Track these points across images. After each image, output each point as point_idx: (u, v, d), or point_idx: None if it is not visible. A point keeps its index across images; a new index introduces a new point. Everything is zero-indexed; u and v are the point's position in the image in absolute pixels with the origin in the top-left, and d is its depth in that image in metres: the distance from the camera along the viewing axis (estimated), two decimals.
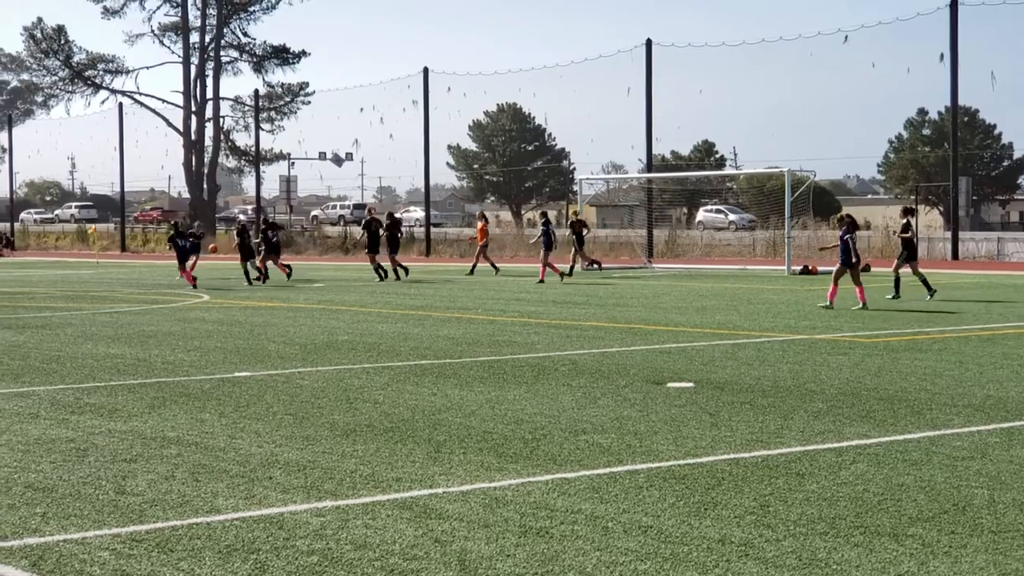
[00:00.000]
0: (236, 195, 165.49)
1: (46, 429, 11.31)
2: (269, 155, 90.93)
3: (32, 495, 8.61)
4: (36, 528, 7.71)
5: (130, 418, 11.89)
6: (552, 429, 11.08)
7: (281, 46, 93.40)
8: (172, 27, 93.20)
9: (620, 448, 10.18)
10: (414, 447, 10.27)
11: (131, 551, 7.17)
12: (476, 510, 8.06)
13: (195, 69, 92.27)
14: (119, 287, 36.18)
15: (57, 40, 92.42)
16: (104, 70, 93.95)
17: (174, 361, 16.61)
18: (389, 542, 7.31)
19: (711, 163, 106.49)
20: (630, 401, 12.67)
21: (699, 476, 9.05)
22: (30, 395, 13.55)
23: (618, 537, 7.39)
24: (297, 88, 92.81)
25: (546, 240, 37.59)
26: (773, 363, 15.77)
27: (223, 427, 11.32)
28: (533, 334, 20.08)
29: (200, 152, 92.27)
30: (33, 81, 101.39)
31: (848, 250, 24.86)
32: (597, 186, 79.37)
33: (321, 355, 17.22)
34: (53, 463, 9.73)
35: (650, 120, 54.98)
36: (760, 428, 11.04)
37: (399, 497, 8.47)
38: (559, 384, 14.01)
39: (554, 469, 9.37)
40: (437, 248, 64.28)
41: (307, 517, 7.92)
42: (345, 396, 13.20)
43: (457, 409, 12.26)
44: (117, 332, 21.01)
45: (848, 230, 25.07)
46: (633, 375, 14.71)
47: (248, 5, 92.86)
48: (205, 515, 8.01)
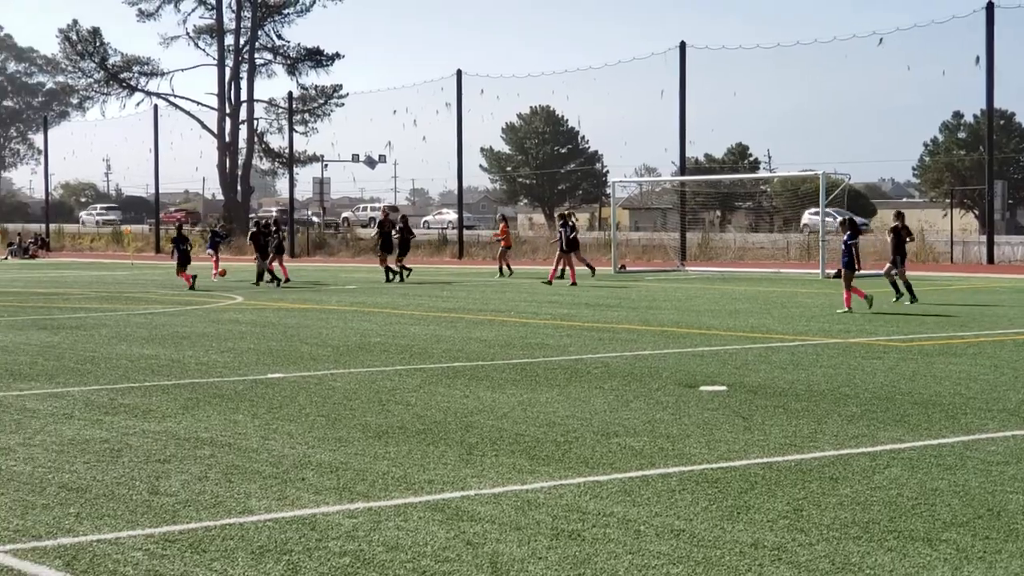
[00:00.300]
0: (269, 197, 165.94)
1: (80, 429, 11.36)
2: (302, 157, 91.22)
3: (66, 495, 8.65)
4: (70, 528, 7.74)
5: (164, 419, 11.94)
6: (584, 432, 11.07)
7: (315, 48, 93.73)
8: (207, 30, 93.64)
9: (652, 451, 10.15)
10: (446, 449, 10.27)
11: (164, 551, 7.20)
12: (508, 512, 8.05)
13: (229, 71, 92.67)
14: (153, 288, 36.34)
15: (92, 42, 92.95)
16: (139, 72, 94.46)
17: (208, 362, 16.67)
18: (421, 544, 7.31)
19: (745, 166, 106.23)
20: (663, 404, 12.64)
21: (732, 480, 9.02)
22: (64, 395, 13.62)
23: (650, 540, 7.37)
24: (331, 90, 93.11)
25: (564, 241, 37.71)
26: (807, 367, 15.71)
27: (256, 428, 11.35)
28: (565, 336, 20.07)
29: (234, 154, 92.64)
30: (68, 83, 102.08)
31: (850, 254, 24.92)
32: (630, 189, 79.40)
33: (354, 357, 17.25)
34: (87, 463, 9.78)
35: (683, 122, 54.86)
36: (794, 432, 11.00)
37: (431, 499, 8.47)
38: (591, 387, 13.99)
39: (586, 472, 9.35)
40: (470, 251, 64.33)
41: (339, 518, 7.93)
42: (377, 398, 13.22)
43: (489, 411, 12.26)
44: (151, 333, 21.10)
45: (851, 235, 25.15)
46: (666, 378, 14.68)
47: (282, 8, 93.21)
48: (238, 516, 8.03)
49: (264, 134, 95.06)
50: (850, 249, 24.97)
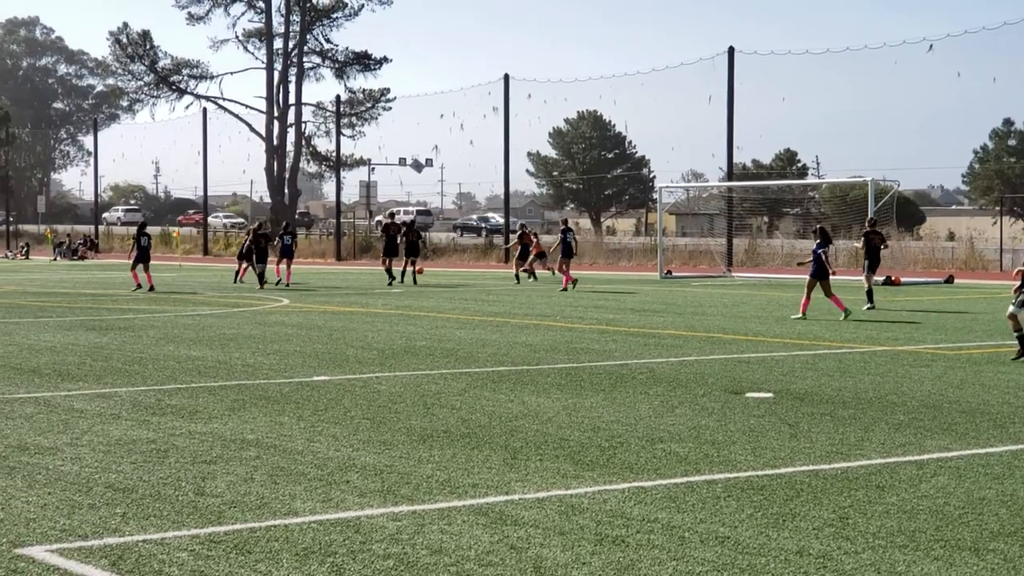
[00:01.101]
0: (316, 200, 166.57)
1: (127, 430, 11.43)
2: (350, 160, 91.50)
3: (112, 495, 8.70)
4: (116, 528, 7.79)
5: (210, 420, 12.00)
6: (629, 437, 11.04)
7: (363, 52, 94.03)
8: (256, 33, 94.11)
9: (697, 457, 10.12)
10: (490, 453, 10.27)
11: (209, 552, 7.23)
12: (552, 517, 8.04)
13: (278, 75, 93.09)
14: (201, 290, 36.54)
15: (142, 45, 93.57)
16: (189, 75, 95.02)
17: (254, 364, 16.73)
18: (464, 548, 7.31)
19: (793, 172, 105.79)
20: (708, 410, 12.60)
21: (777, 487, 8.98)
22: (112, 396, 13.71)
23: (695, 547, 7.34)
24: (378, 94, 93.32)
25: (565, 247, 38.29)
26: (854, 374, 15.62)
27: (301, 430, 11.39)
28: (611, 342, 20.03)
29: (282, 157, 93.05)
30: (118, 86, 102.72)
31: (820, 262, 25.11)
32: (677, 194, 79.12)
33: (399, 360, 17.28)
34: (134, 464, 9.84)
35: (731, 128, 54.69)
36: (840, 440, 10.93)
37: (475, 503, 8.47)
38: (636, 392, 13.96)
39: (631, 477, 9.33)
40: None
41: (383, 521, 7.94)
42: (422, 401, 13.23)
43: (534, 416, 12.25)
44: (198, 335, 21.21)
45: (821, 244, 25.38)
46: (711, 384, 14.63)
47: (331, 11, 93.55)
48: (283, 517, 8.06)
49: (312, 137, 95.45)
50: (819, 257, 25.20)
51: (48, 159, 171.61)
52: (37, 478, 9.26)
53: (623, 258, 59.85)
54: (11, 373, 15.68)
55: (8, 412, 12.47)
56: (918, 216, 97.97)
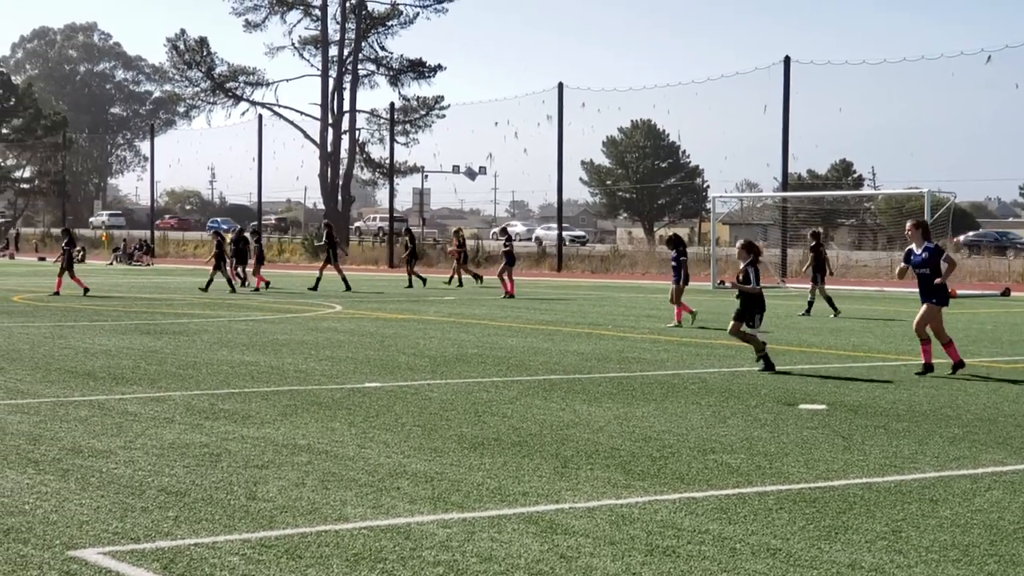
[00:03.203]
0: (370, 207, 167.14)
1: (180, 434, 11.49)
2: (403, 168, 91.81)
3: (165, 499, 8.75)
4: (168, 531, 7.83)
5: (262, 425, 12.05)
6: (680, 447, 11.00)
7: (417, 60, 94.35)
8: (312, 41, 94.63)
9: (750, 469, 10.07)
10: (541, 462, 10.26)
11: (260, 556, 7.25)
12: (602, 527, 8.02)
13: (333, 82, 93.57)
14: (254, 295, 36.72)
15: (200, 52, 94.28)
16: (245, 82, 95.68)
17: (306, 370, 16.79)
18: (515, 556, 7.30)
19: (848, 183, 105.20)
20: (761, 422, 12.53)
21: (830, 500, 8.92)
22: (166, 400, 13.79)
23: (746, 559, 7.30)
24: (432, 101, 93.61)
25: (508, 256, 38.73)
26: (909, 387, 15.50)
27: (352, 436, 11.41)
28: (663, 351, 19.97)
29: (336, 164, 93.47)
30: (175, 92, 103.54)
31: (678, 273, 25.95)
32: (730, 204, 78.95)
33: (450, 368, 17.29)
34: (186, 467, 9.89)
35: (786, 138, 54.40)
36: (894, 453, 10.85)
37: (525, 511, 8.46)
38: (688, 402, 13.91)
39: (682, 488, 9.29)
40: (569, 263, 64.29)
41: (434, 528, 7.95)
42: (474, 409, 13.24)
43: (585, 425, 12.23)
44: (251, 340, 21.32)
45: (679, 253, 26.12)
46: (764, 395, 14.55)
47: (386, 19, 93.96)
48: (334, 523, 8.07)
49: (365, 144, 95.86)
50: (679, 267, 25.93)
51: (105, 164, 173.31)
52: (91, 481, 9.33)
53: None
54: (66, 376, 15.82)
55: (63, 415, 12.57)
56: (974, 228, 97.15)
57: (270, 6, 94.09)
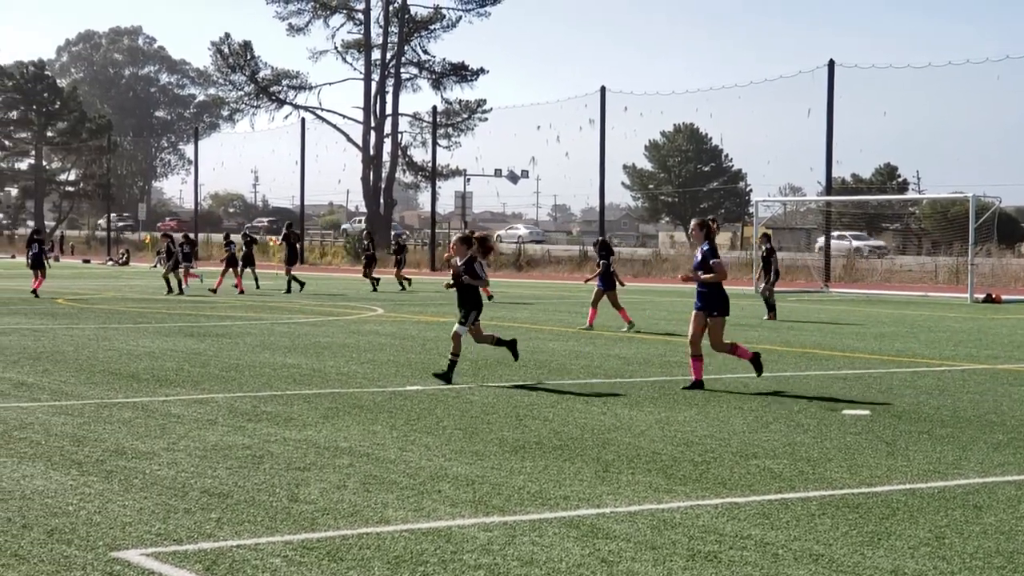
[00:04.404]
0: (412, 210, 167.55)
1: (223, 436, 11.54)
2: (445, 171, 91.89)
3: (208, 500, 8.79)
4: (211, 533, 7.86)
5: (304, 427, 12.08)
6: (722, 452, 10.96)
7: (460, 63, 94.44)
8: (354, 44, 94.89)
9: (792, 474, 10.02)
10: (582, 466, 10.24)
11: (302, 558, 7.27)
12: (644, 531, 8.00)
13: (375, 85, 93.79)
14: (296, 298, 36.84)
15: (243, 56, 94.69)
16: (288, 86, 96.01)
17: (348, 373, 16.83)
18: (556, 560, 7.29)
19: (893, 187, 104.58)
20: (803, 427, 12.48)
21: (873, 505, 8.87)
22: (209, 402, 13.85)
23: (788, 565, 7.26)
24: (475, 105, 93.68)
25: None
26: (953, 392, 15.39)
27: (394, 439, 11.43)
28: (705, 355, 19.86)
29: (378, 167, 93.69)
30: (219, 95, 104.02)
31: (607, 274, 25.87)
32: (774, 208, 78.63)
33: (492, 371, 17.30)
34: (229, 469, 9.93)
35: (830, 142, 54.10)
36: (937, 459, 10.78)
37: (566, 515, 8.45)
38: (730, 407, 13.86)
39: (724, 493, 9.26)
40: None
41: (474, 532, 7.95)
42: (515, 412, 13.23)
43: (626, 429, 12.20)
44: (294, 343, 21.38)
45: (605, 255, 26.11)
46: (807, 400, 14.48)
47: (429, 23, 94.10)
48: (375, 525, 8.09)
49: (408, 148, 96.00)
50: (606, 269, 25.88)
51: (149, 167, 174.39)
52: (134, 482, 9.38)
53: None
54: (110, 378, 15.92)
55: (107, 416, 12.65)
56: (1019, 233, 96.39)
57: (313, 10, 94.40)
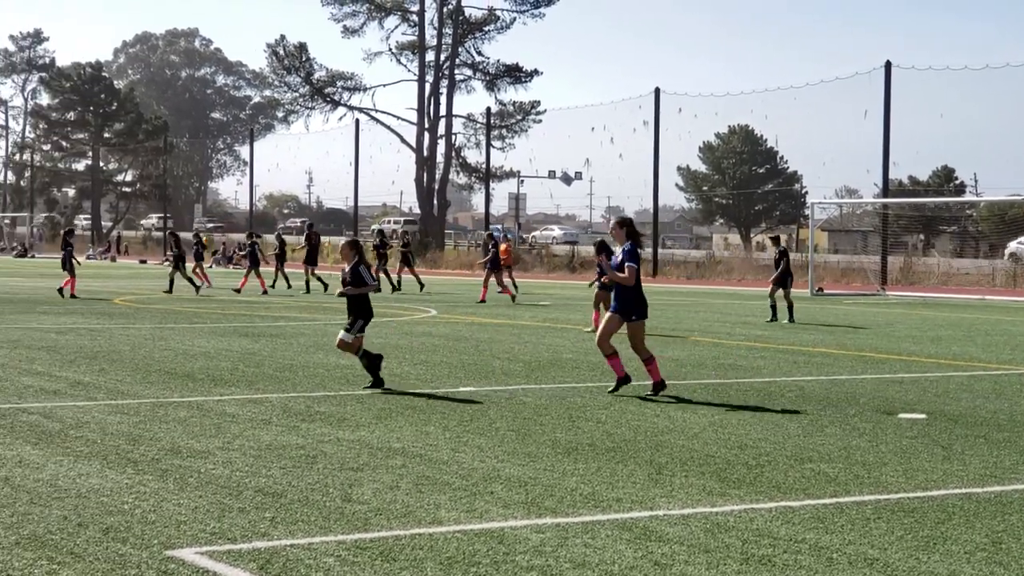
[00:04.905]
0: (465, 211, 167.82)
1: (277, 435, 11.59)
2: (499, 172, 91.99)
3: (262, 499, 8.82)
4: (265, 532, 7.89)
5: (358, 428, 12.12)
6: (777, 456, 10.90)
7: (514, 65, 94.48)
8: (409, 46, 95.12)
9: (847, 478, 9.95)
10: (635, 468, 10.21)
11: (355, 558, 7.29)
12: (697, 534, 7.97)
13: (429, 87, 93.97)
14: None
15: (299, 57, 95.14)
16: (342, 87, 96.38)
17: (401, 374, 16.86)
18: (608, 562, 7.27)
19: (950, 189, 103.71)
20: (859, 431, 12.39)
21: (929, 510, 8.79)
22: (263, 402, 13.92)
23: (842, 569, 7.21)
24: (529, 106, 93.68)
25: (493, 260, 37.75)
26: (1010, 396, 15.24)
27: (447, 440, 11.44)
28: (759, 358, 19.82)
29: (432, 168, 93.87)
30: (275, 97, 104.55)
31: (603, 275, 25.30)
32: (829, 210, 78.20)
33: (545, 373, 17.29)
34: (283, 469, 9.97)
35: (887, 144, 53.77)
36: (994, 463, 10.67)
37: (619, 518, 8.43)
38: (785, 410, 13.79)
39: (778, 497, 9.21)
40: (664, 269, 64.03)
41: (527, 533, 7.94)
42: (568, 414, 13.22)
43: (680, 431, 12.16)
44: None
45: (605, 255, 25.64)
46: (863, 404, 14.39)
47: (483, 25, 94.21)
48: (427, 526, 8.10)
49: (462, 149, 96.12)
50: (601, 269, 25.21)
51: (205, 168, 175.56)
52: (189, 481, 9.43)
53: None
54: (166, 377, 16.02)
55: (162, 415, 12.74)
56: None
57: (368, 12, 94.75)
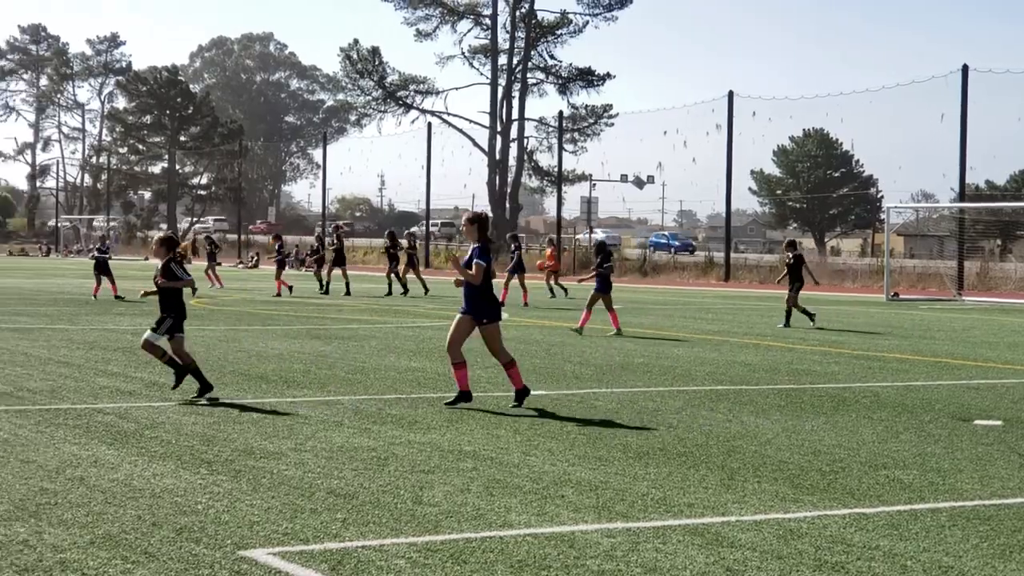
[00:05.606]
0: (537, 215, 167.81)
1: (349, 437, 11.64)
2: (571, 176, 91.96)
3: (334, 501, 8.86)
4: (336, 533, 7.92)
5: (429, 430, 12.14)
6: (851, 462, 10.80)
7: (586, 68, 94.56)
8: (481, 50, 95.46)
9: (922, 485, 9.84)
10: (707, 473, 10.16)
11: (426, 560, 7.29)
12: (769, 541, 7.91)
13: (501, 90, 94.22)
14: (422, 302, 37.07)
15: (372, 61, 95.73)
16: (415, 91, 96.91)
17: (472, 377, 16.84)
18: (679, 568, 7.23)
19: None
20: (934, 437, 12.25)
21: (1005, 518, 8.67)
22: (335, 404, 13.98)
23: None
24: (601, 110, 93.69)
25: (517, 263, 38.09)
26: None
27: (518, 443, 11.44)
28: (833, 364, 19.66)
29: (503, 172, 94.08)
30: (348, 101, 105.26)
31: (605, 279, 25.47)
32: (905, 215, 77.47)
33: (616, 376, 17.24)
34: (355, 471, 10.00)
35: (964, 148, 53.18)
36: None
37: (690, 523, 8.38)
38: (859, 416, 13.66)
39: (852, 503, 9.12)
40: (736, 274, 63.71)
41: (598, 537, 7.91)
42: (639, 418, 13.17)
43: (752, 437, 12.08)
44: (418, 346, 21.50)
45: (604, 260, 25.75)
46: (938, 410, 14.23)
47: (556, 28, 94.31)
48: (498, 529, 8.09)
49: (534, 152, 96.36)
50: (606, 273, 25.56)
51: (279, 171, 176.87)
52: (262, 482, 9.49)
53: (847, 279, 58.77)
54: (239, 379, 16.14)
55: (236, 417, 12.83)
56: None
57: (441, 16, 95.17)
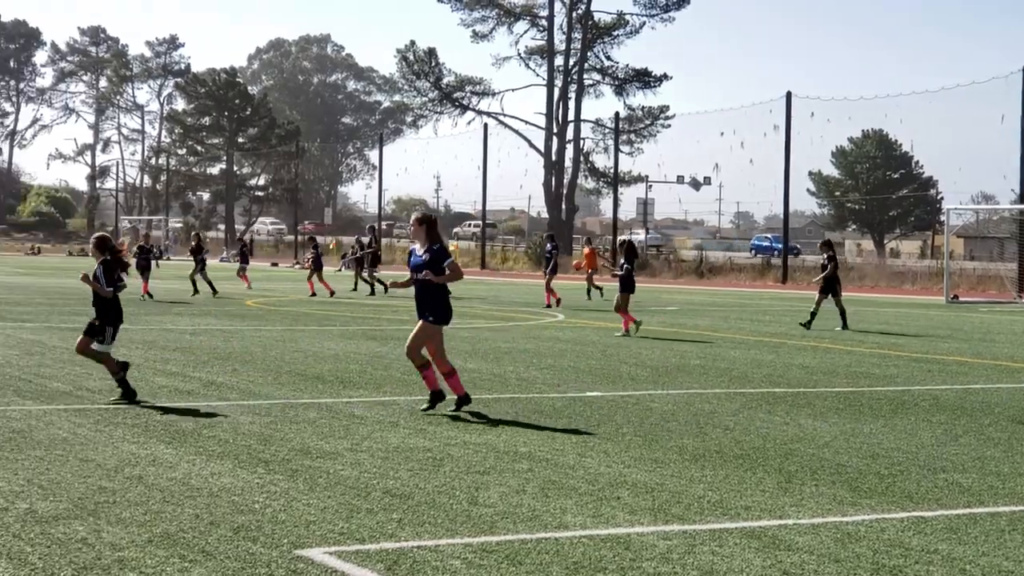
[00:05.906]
0: (593, 216, 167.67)
1: (405, 438, 11.66)
2: (627, 177, 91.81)
3: (390, 501, 8.88)
4: (392, 533, 7.94)
5: (484, 431, 12.14)
6: (909, 465, 10.71)
7: (643, 69, 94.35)
8: (537, 51, 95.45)
9: (981, 489, 9.75)
10: (764, 476, 10.10)
11: (481, 561, 7.29)
12: (827, 544, 7.85)
13: (558, 91, 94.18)
14: (477, 304, 37.11)
15: (428, 63, 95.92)
16: (471, 92, 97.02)
17: (528, 378, 16.88)
18: (736, 571, 7.19)
19: None
20: (994, 440, 12.14)
21: None
22: (391, 404, 14.02)
23: None
24: (657, 111, 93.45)
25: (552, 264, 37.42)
26: None
27: (573, 445, 11.42)
28: (892, 366, 19.51)
29: (560, 173, 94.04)
30: (404, 102, 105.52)
31: (629, 279, 25.27)
32: (965, 216, 76.73)
33: (672, 378, 17.19)
34: (410, 471, 10.02)
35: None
36: None
37: (747, 526, 8.34)
38: (918, 419, 13.55)
39: (910, 507, 9.05)
40: (794, 275, 63.37)
41: (653, 539, 7.89)
42: (695, 420, 13.13)
43: (810, 440, 12.01)
44: (474, 347, 21.52)
45: (628, 259, 25.48)
46: (998, 414, 14.09)
47: (612, 29, 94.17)
48: (553, 530, 8.08)
49: (590, 153, 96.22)
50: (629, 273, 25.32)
51: (335, 172, 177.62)
52: (318, 481, 9.52)
53: (907, 281, 58.37)
54: (296, 379, 16.21)
55: (293, 417, 12.89)
56: None
57: (497, 17, 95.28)
